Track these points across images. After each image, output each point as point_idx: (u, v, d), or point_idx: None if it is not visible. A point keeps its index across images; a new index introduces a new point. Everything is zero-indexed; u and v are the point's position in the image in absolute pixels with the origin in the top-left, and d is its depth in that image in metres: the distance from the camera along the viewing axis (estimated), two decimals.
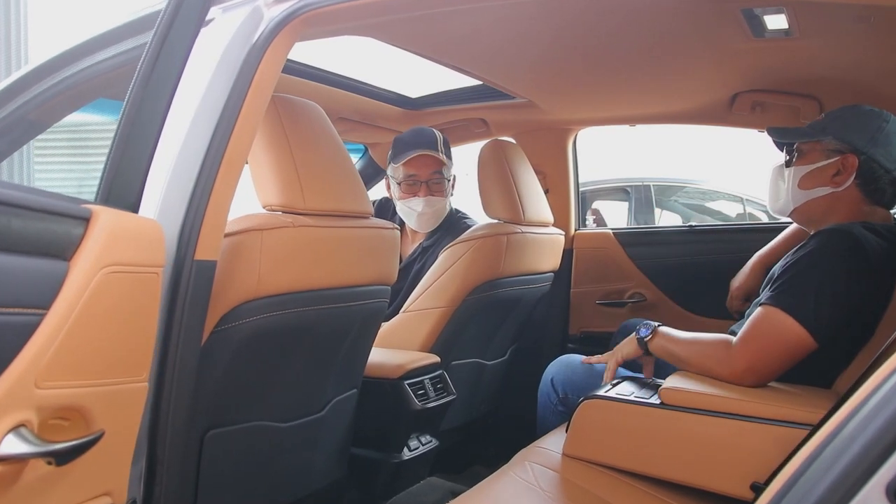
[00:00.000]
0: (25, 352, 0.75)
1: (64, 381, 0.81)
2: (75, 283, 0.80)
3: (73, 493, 0.87)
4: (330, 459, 1.66)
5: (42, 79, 1.52)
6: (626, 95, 2.36)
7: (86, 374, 0.83)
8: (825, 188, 1.61)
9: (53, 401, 0.80)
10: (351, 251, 1.45)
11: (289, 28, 1.16)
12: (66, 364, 0.80)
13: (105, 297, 0.83)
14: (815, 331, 1.39)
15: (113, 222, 0.84)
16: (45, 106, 1.54)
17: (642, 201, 6.78)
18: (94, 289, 0.81)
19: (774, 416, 1.30)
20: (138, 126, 0.92)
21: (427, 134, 2.31)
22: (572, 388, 1.86)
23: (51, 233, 0.78)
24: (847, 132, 1.58)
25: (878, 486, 0.59)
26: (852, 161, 1.57)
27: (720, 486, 1.32)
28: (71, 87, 1.50)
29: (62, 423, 0.83)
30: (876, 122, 1.58)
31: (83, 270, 0.80)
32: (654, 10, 1.55)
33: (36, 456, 0.76)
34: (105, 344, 0.85)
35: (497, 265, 2.07)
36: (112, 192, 0.90)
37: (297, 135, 1.36)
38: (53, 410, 0.81)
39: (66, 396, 0.81)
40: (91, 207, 0.83)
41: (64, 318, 0.78)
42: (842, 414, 0.69)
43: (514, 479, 1.42)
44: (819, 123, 1.64)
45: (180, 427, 1.10)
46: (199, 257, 1.07)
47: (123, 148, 0.90)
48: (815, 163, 1.61)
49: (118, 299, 0.86)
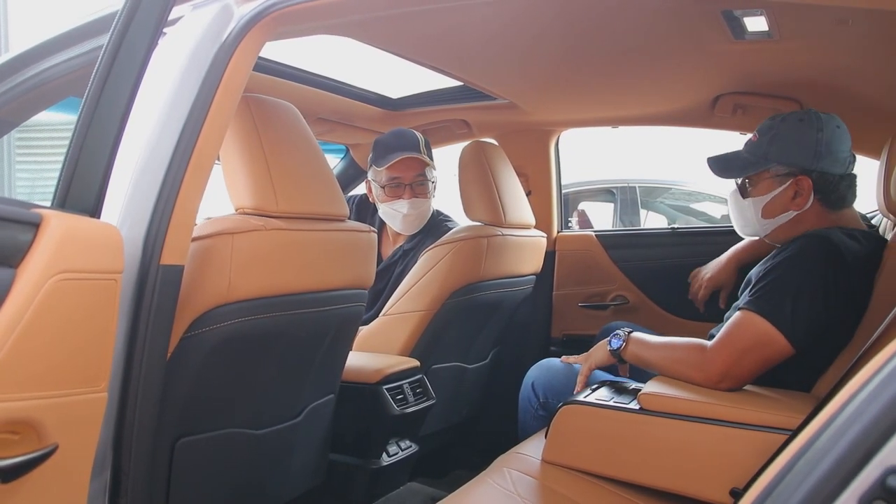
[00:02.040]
0: None
1: (13, 393, 0.77)
2: (23, 291, 0.76)
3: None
4: (307, 466, 1.63)
5: (7, 76, 1.48)
6: (607, 97, 2.35)
7: (36, 386, 0.80)
8: (789, 213, 1.61)
9: (2, 414, 0.77)
10: (325, 254, 1.42)
11: (259, 26, 1.14)
12: (14, 376, 0.77)
13: (56, 305, 0.80)
14: (791, 336, 1.38)
15: (65, 227, 0.81)
16: (12, 104, 1.50)
17: (628, 202, 6.81)
18: (45, 297, 0.78)
19: (754, 422, 1.29)
20: (96, 128, 0.88)
21: (409, 136, 2.28)
22: (553, 392, 1.84)
23: None
24: (790, 155, 1.58)
25: (853, 495, 0.58)
26: (806, 182, 1.57)
27: (699, 491, 1.31)
28: (38, 85, 1.46)
29: (11, 437, 0.79)
30: (812, 134, 1.57)
31: (31, 278, 0.77)
32: (635, 12, 1.54)
33: None
34: (57, 354, 0.82)
35: (477, 268, 2.05)
36: (69, 196, 0.87)
37: (271, 135, 1.33)
38: (2, 424, 0.77)
39: (15, 410, 0.78)
40: (41, 212, 0.80)
41: (10, 327, 0.75)
42: (819, 421, 0.67)
43: (492, 486, 1.40)
44: (758, 149, 1.63)
45: (146, 437, 1.07)
46: (165, 262, 1.04)
47: (80, 150, 0.87)
48: (771, 191, 1.62)
49: (71, 308, 0.83)
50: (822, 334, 1.42)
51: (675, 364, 1.49)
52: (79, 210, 0.88)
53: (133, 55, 0.91)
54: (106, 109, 0.89)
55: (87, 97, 0.89)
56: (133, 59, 0.91)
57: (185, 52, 1.13)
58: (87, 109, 0.88)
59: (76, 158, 0.87)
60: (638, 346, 1.60)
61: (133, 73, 0.91)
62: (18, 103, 1.52)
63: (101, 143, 0.88)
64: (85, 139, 0.87)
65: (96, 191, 0.89)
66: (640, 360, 1.60)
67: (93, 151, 0.88)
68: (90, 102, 0.88)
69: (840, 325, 1.44)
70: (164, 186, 1.05)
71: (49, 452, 0.79)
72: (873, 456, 0.58)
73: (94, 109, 0.88)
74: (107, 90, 0.89)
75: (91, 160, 0.88)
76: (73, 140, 0.87)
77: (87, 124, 0.87)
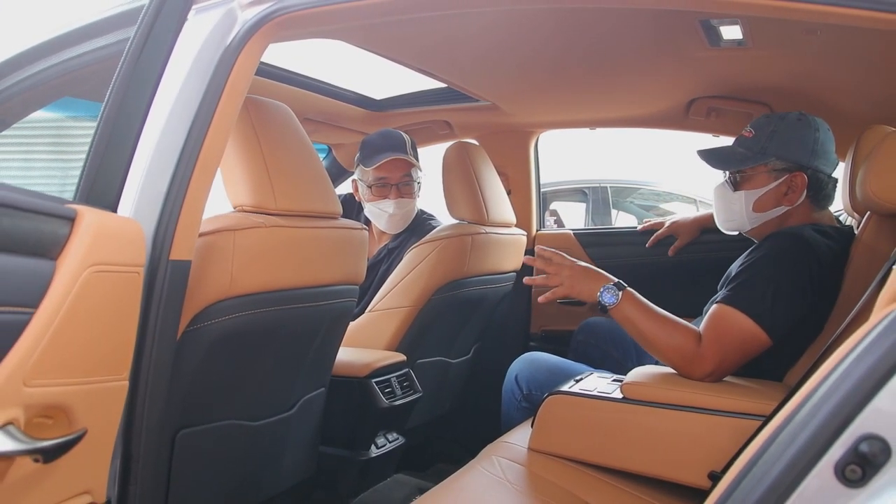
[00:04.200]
0: (15, 350, 0.76)
1: (51, 379, 0.81)
2: (62, 281, 0.80)
3: (55, 492, 0.87)
4: (299, 458, 1.67)
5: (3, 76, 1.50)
6: (586, 100, 2.43)
7: (72, 373, 0.84)
8: (780, 208, 1.66)
9: (40, 399, 0.81)
10: (321, 251, 1.47)
11: (263, 31, 1.17)
12: (54, 362, 0.81)
13: (90, 295, 0.84)
14: (769, 329, 1.45)
15: (97, 222, 0.85)
16: (8, 104, 1.52)
17: (600, 202, 6.91)
18: (80, 288, 0.82)
19: (730, 409, 1.36)
20: (120, 125, 0.92)
21: (396, 137, 2.33)
22: (536, 384, 1.90)
23: (39, 232, 0.79)
24: (789, 151, 1.63)
25: (828, 463, 0.65)
26: (801, 179, 1.62)
27: (680, 475, 1.38)
28: (35, 85, 1.48)
29: (46, 421, 0.83)
30: (810, 133, 1.62)
31: (70, 269, 0.81)
32: (615, 19, 1.60)
33: (24, 453, 0.77)
34: (90, 342, 0.86)
35: (462, 265, 2.10)
36: (93, 192, 0.90)
37: (268, 136, 1.37)
38: (40, 409, 0.81)
39: (53, 395, 0.82)
40: (76, 207, 0.84)
41: (52, 316, 0.79)
42: (794, 402, 0.74)
43: (483, 472, 1.46)
44: (756, 143, 1.66)
45: (154, 426, 1.11)
46: (174, 257, 1.08)
47: (105, 147, 0.90)
48: (765, 186, 1.65)
49: (102, 298, 0.87)
50: (796, 326, 1.49)
51: (667, 348, 1.48)
52: (101, 205, 0.91)
53: (156, 53, 0.94)
54: (130, 107, 0.93)
55: (111, 95, 0.92)
56: (156, 57, 0.94)
57: (191, 55, 1.16)
58: (111, 108, 0.91)
59: (101, 155, 0.90)
60: (633, 309, 1.52)
61: (155, 71, 0.94)
62: (13, 103, 1.53)
63: (123, 140, 0.92)
64: (110, 137, 0.90)
65: (117, 187, 0.93)
66: (629, 322, 1.53)
67: (116, 148, 0.91)
68: (114, 101, 0.92)
69: (812, 317, 1.51)
70: (173, 185, 1.08)
71: (81, 436, 0.83)
72: (846, 427, 0.65)
73: (118, 108, 0.91)
74: (131, 89, 0.92)
75: (114, 157, 0.91)
76: (97, 137, 0.90)
77: (111, 121, 0.91)
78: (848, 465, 0.64)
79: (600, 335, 2.20)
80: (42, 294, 0.78)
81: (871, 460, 0.63)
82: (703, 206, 6.71)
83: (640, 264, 2.60)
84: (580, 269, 1.63)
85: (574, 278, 1.61)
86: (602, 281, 1.58)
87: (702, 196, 6.93)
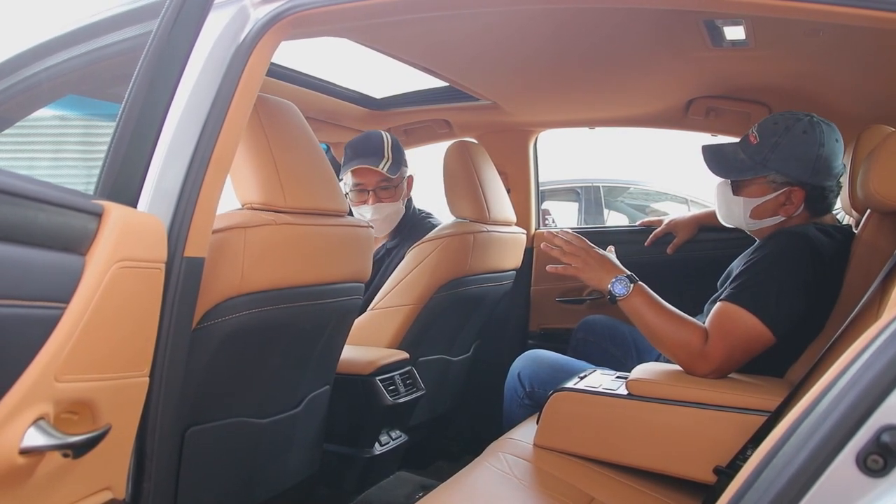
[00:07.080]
0: (49, 345, 0.76)
1: (80, 374, 0.81)
2: (92, 277, 0.80)
3: (79, 487, 0.88)
4: (304, 455, 1.68)
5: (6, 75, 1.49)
6: (586, 99, 2.44)
7: (99, 368, 0.84)
8: (776, 217, 1.68)
9: (70, 394, 0.81)
10: (329, 248, 1.47)
11: (275, 29, 1.18)
12: (83, 357, 0.81)
13: (117, 291, 0.84)
14: (774, 327, 1.47)
15: (123, 218, 0.85)
16: (13, 101, 1.51)
17: (592, 202, 6.95)
18: (108, 283, 0.82)
19: (735, 404, 1.38)
20: (141, 122, 0.92)
21: (373, 142, 2.29)
22: (539, 382, 1.91)
23: (69, 227, 0.79)
24: (788, 167, 1.63)
25: (850, 453, 0.66)
26: (799, 194, 1.64)
27: (685, 471, 1.40)
28: (40, 83, 1.48)
29: (71, 416, 0.83)
30: (813, 150, 1.61)
31: (98, 265, 0.81)
32: (617, 20, 1.62)
33: (55, 448, 0.77)
34: (115, 338, 0.86)
35: (464, 263, 2.11)
36: (115, 188, 0.90)
37: (276, 133, 1.37)
38: (68, 404, 0.81)
39: (81, 390, 0.82)
40: (102, 203, 0.84)
41: (82, 311, 0.79)
42: (813, 395, 0.76)
43: (490, 468, 1.47)
44: (758, 153, 1.65)
45: (168, 423, 1.11)
46: (188, 254, 1.08)
47: (127, 143, 0.90)
48: (764, 196, 1.67)
49: (127, 294, 0.87)
50: (799, 324, 1.50)
51: (673, 344, 1.50)
52: (122, 201, 0.91)
53: (177, 50, 0.94)
54: (149, 105, 0.93)
55: (132, 92, 0.92)
56: (177, 56, 0.94)
57: (203, 53, 1.16)
58: (133, 105, 0.91)
59: (122, 151, 0.90)
60: (642, 303, 1.55)
61: (176, 68, 0.94)
62: (18, 101, 1.53)
63: (144, 137, 0.92)
64: (132, 133, 0.90)
65: (138, 184, 0.93)
66: (636, 315, 1.55)
67: (137, 144, 0.91)
68: (135, 98, 0.92)
69: (815, 315, 1.53)
70: (187, 182, 1.08)
71: (106, 431, 0.83)
72: (868, 417, 0.67)
73: (141, 105, 0.91)
74: (152, 87, 0.93)
75: (135, 153, 0.91)
76: (118, 133, 0.90)
77: (132, 118, 0.91)
78: (870, 455, 0.65)
79: (600, 333, 2.22)
80: (73, 289, 0.79)
81: (892, 450, 0.65)
82: (694, 205, 6.76)
83: (638, 262, 2.59)
84: (598, 255, 1.66)
85: (589, 262, 1.65)
86: (615, 272, 1.62)
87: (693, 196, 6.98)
